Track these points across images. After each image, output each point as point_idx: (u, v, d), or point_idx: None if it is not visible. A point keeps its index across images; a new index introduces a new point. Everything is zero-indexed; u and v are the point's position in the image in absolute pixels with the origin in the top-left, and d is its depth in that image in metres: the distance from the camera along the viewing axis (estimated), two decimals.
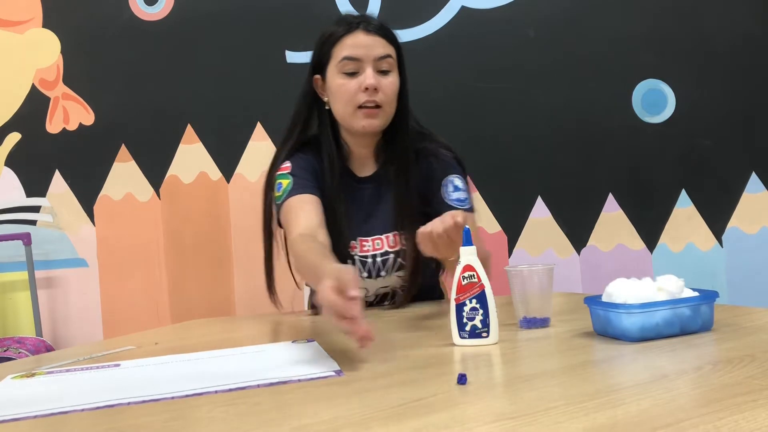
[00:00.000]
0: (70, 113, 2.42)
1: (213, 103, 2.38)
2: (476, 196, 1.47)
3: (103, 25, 2.40)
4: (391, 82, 1.32)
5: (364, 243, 1.37)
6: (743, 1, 2.23)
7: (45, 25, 2.42)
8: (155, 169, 2.41)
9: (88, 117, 2.41)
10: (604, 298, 0.91)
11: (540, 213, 2.29)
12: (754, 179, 2.23)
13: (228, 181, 2.39)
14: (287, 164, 1.36)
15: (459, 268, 0.92)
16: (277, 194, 1.34)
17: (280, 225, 1.37)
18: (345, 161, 1.39)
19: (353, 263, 1.35)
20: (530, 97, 2.29)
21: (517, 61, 2.29)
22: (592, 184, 2.28)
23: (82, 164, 2.42)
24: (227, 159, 2.39)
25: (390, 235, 1.37)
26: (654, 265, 2.26)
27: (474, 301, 0.90)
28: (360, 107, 1.30)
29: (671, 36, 2.25)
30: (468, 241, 0.93)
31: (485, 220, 2.26)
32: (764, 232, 2.23)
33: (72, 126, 2.42)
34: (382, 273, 1.36)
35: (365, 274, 1.36)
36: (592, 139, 2.27)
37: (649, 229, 2.27)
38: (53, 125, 2.42)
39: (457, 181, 1.37)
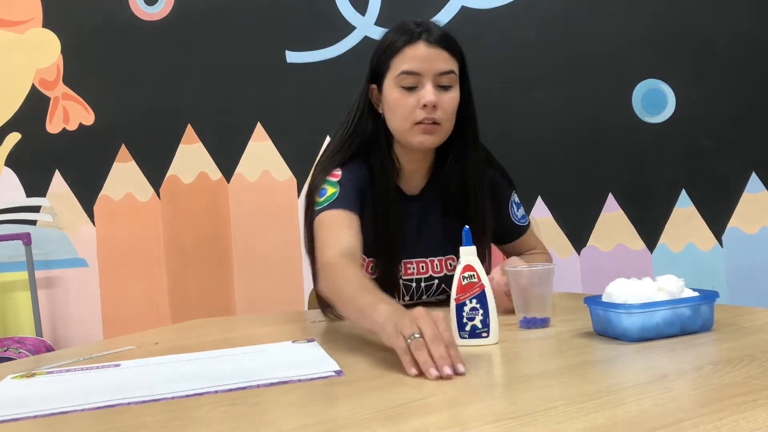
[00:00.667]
0: (70, 113, 2.42)
1: (213, 103, 2.38)
2: None
3: (103, 25, 2.40)
4: (451, 98, 1.23)
5: (409, 266, 1.30)
6: (743, 1, 2.23)
7: (45, 25, 2.42)
8: (155, 169, 2.41)
9: (88, 117, 2.41)
10: (604, 298, 0.91)
11: (540, 213, 2.29)
12: (754, 179, 2.23)
13: (228, 181, 2.39)
14: (338, 172, 1.24)
15: (459, 268, 0.92)
16: (318, 200, 1.22)
17: (309, 232, 1.25)
18: (395, 177, 1.30)
19: (397, 287, 1.28)
20: (530, 97, 2.29)
21: (517, 61, 2.29)
22: (592, 184, 2.28)
23: (82, 164, 2.42)
24: (227, 159, 2.39)
25: (435, 259, 1.30)
26: (654, 265, 2.26)
27: (474, 301, 0.90)
28: (417, 123, 1.22)
29: (671, 36, 2.25)
30: (468, 242, 0.93)
31: None
32: (764, 232, 2.23)
33: (72, 126, 2.42)
34: (424, 297, 1.31)
35: (407, 298, 1.30)
36: (592, 139, 2.27)
37: (649, 229, 2.27)
38: (53, 125, 2.42)
39: (517, 198, 1.40)
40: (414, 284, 1.29)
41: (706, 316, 0.89)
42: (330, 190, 1.21)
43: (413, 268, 1.30)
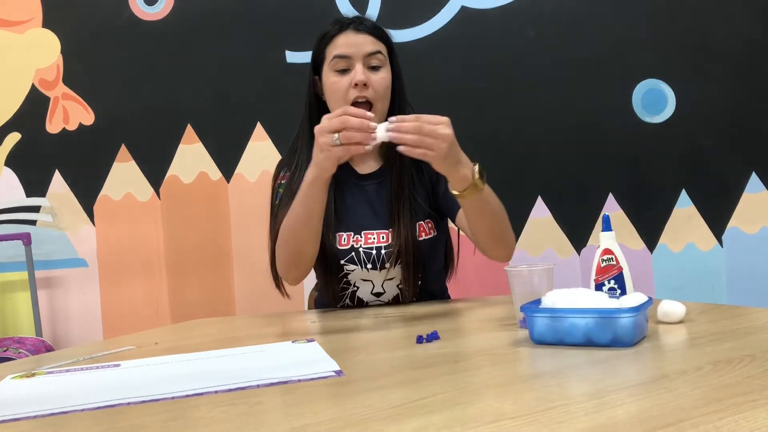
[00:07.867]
0: (70, 113, 2.42)
1: (213, 103, 2.39)
2: None
3: (103, 25, 2.40)
4: (381, 78, 1.33)
5: (369, 236, 1.39)
6: (743, 1, 2.23)
7: (45, 25, 2.42)
8: (155, 169, 2.41)
9: (88, 117, 2.41)
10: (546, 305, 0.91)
11: (540, 213, 2.29)
12: (754, 179, 2.23)
13: (228, 181, 2.39)
14: (287, 173, 1.43)
15: (598, 252, 1.01)
16: (277, 202, 1.42)
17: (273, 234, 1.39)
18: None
19: (357, 255, 1.37)
20: (530, 97, 2.29)
21: (517, 61, 2.29)
22: (592, 184, 2.28)
23: (82, 164, 2.42)
24: (227, 159, 2.39)
25: (396, 230, 1.39)
26: (654, 265, 2.26)
27: (612, 281, 0.98)
28: (352, 104, 1.30)
29: (671, 36, 2.25)
30: (607, 227, 1.03)
31: None
32: (764, 232, 2.23)
33: (72, 126, 2.42)
34: (387, 265, 1.37)
35: (369, 266, 1.37)
36: (592, 139, 2.27)
37: (649, 229, 2.27)
38: (53, 125, 2.42)
39: None
40: (374, 251, 1.37)
41: (620, 330, 0.82)
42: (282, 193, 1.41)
43: (373, 238, 1.39)
